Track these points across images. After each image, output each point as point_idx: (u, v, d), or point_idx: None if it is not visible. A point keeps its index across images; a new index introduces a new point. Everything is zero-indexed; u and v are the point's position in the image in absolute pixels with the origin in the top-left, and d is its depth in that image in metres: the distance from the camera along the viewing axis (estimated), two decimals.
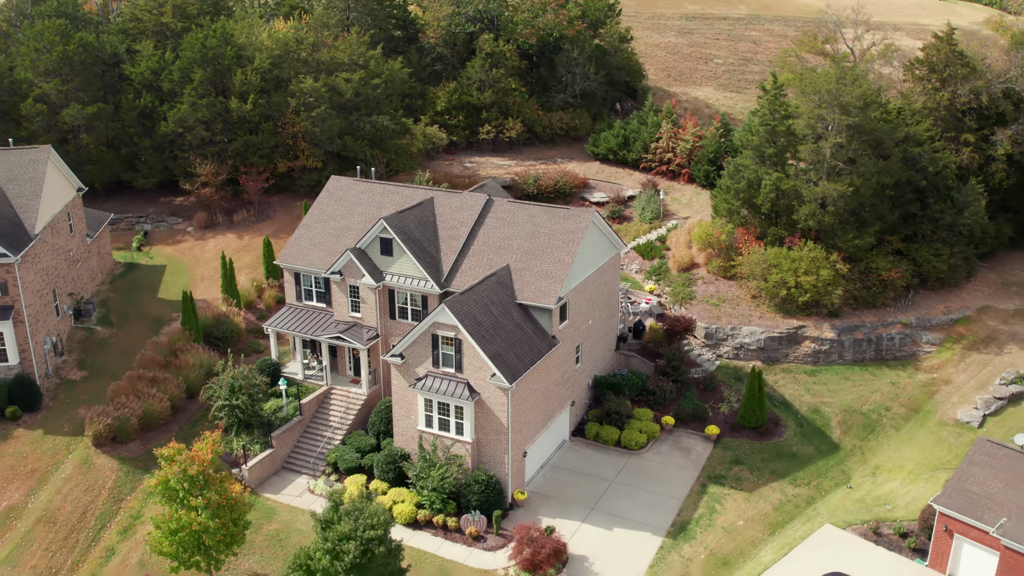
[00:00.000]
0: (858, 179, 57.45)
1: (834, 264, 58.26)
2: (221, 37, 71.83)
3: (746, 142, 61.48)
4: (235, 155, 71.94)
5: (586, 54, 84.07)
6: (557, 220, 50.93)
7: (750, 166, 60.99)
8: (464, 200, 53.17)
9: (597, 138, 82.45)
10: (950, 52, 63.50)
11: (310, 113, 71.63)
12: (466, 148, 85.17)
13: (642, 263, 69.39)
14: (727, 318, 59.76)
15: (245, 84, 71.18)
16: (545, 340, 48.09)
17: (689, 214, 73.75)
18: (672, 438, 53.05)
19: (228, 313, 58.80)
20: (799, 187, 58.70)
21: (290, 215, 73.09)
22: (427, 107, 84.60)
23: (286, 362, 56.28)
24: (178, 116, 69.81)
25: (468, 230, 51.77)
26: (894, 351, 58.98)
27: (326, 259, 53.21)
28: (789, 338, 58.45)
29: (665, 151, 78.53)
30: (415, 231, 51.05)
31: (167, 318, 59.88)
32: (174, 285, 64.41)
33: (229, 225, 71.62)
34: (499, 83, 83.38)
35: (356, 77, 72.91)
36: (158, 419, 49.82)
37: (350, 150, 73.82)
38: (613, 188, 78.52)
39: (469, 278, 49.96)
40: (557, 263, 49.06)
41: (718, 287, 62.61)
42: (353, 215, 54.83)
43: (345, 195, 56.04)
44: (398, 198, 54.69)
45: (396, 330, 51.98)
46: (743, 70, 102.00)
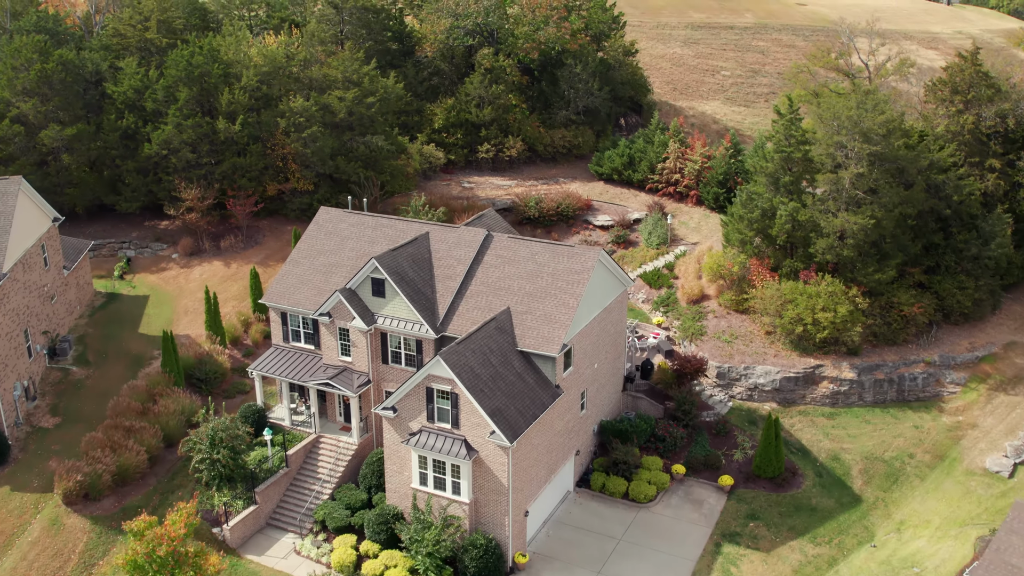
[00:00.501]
0: (879, 210, 54.17)
1: (853, 299, 54.99)
2: (208, 54, 68.50)
3: (759, 168, 58.19)
4: (222, 178, 68.65)
5: (589, 69, 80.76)
6: (561, 259, 47.65)
7: (764, 194, 57.70)
8: (461, 236, 49.89)
9: (601, 157, 79.17)
10: (974, 73, 60.20)
11: (301, 134, 68.32)
12: (464, 167, 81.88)
13: (649, 292, 66.11)
14: (740, 356, 56.48)
15: (232, 104, 67.87)
16: (548, 390, 44.83)
17: (698, 239, 70.48)
18: (683, 489, 49.82)
19: (211, 352, 55.52)
20: (817, 218, 55.43)
21: (280, 240, 69.82)
22: (424, 124, 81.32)
23: (273, 405, 53.06)
24: (162, 138, 66.50)
25: (466, 269, 48.50)
26: (917, 392, 55.75)
27: (314, 299, 49.96)
28: (806, 378, 55.19)
29: (672, 172, 75.25)
30: (409, 270, 47.78)
31: (148, 356, 56.60)
32: (156, 318, 61.13)
33: (216, 251, 68.33)
34: (499, 99, 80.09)
35: (350, 96, 69.61)
36: (134, 473, 46.57)
37: (343, 172, 70.54)
38: (618, 210, 75.24)
39: (467, 321, 46.71)
40: (561, 306, 45.80)
41: (730, 321, 59.33)
42: (343, 250, 51.56)
43: (335, 228, 52.77)
44: (391, 232, 51.42)
45: (389, 375, 48.73)
46: (751, 82, 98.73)
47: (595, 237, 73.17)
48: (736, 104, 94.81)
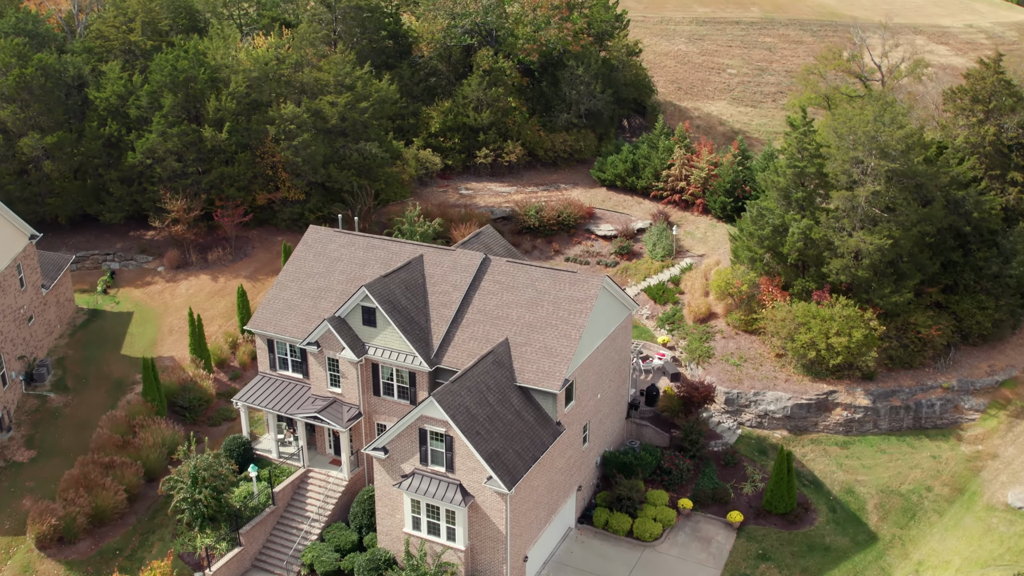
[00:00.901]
0: (897, 229, 51.51)
1: (868, 323, 52.39)
2: (193, 58, 65.62)
3: (771, 183, 55.47)
4: (209, 188, 65.93)
5: (592, 71, 77.84)
6: (562, 286, 45.04)
7: (775, 210, 55.02)
8: (457, 259, 47.26)
9: (603, 162, 76.41)
10: (996, 81, 57.36)
11: (291, 142, 65.52)
12: (462, 172, 79.12)
13: (653, 308, 63.58)
14: (749, 381, 53.98)
15: (220, 110, 65.04)
16: (549, 428, 42.35)
17: (704, 251, 67.83)
18: (690, 525, 47.43)
19: (196, 377, 53.02)
20: (831, 237, 52.77)
21: (270, 252, 67.20)
22: (420, 128, 78.49)
23: (260, 434, 50.64)
24: (146, 146, 63.73)
25: (462, 295, 45.91)
26: (934, 419, 53.29)
27: (302, 325, 47.40)
28: (819, 405, 52.71)
29: (677, 179, 72.50)
30: (401, 298, 45.19)
31: (129, 380, 54.14)
32: (140, 338, 58.62)
33: (203, 264, 65.70)
34: (498, 102, 77.22)
35: (342, 101, 66.76)
36: (112, 513, 44.18)
37: (335, 181, 67.80)
38: (621, 219, 72.55)
39: (463, 353, 44.17)
40: (562, 338, 43.23)
41: (739, 343, 56.78)
42: (333, 273, 48.95)
43: (324, 249, 50.13)
44: (384, 254, 48.80)
45: (381, 408, 46.26)
46: (758, 81, 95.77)
47: (597, 248, 70.55)
48: (743, 104, 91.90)
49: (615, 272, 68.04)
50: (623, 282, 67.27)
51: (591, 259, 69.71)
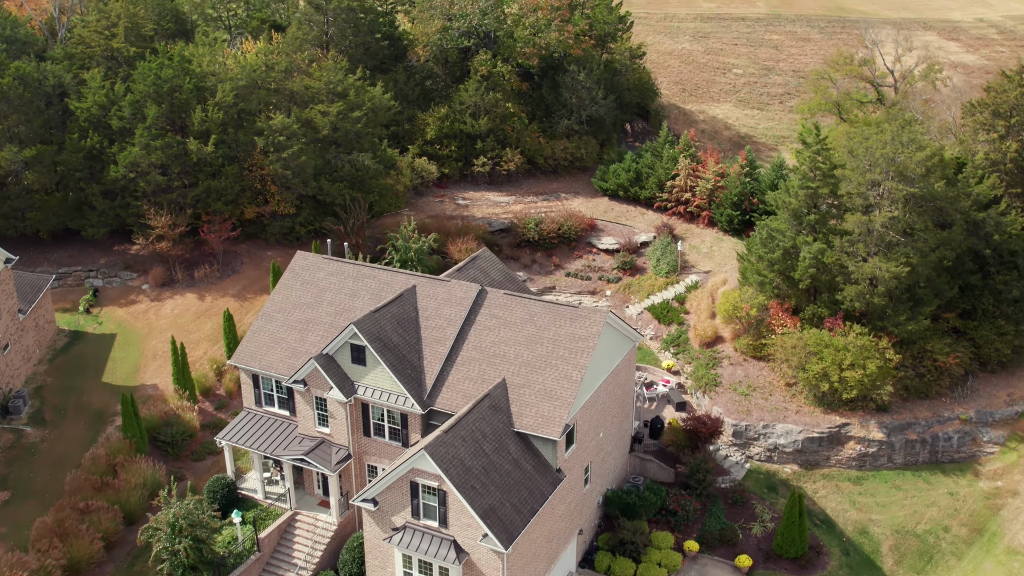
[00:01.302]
0: (915, 255, 48.99)
1: (884, 353, 49.96)
2: (178, 66, 62.86)
3: (782, 204, 52.88)
4: (195, 202, 63.36)
5: (594, 76, 75.02)
6: (563, 322, 42.57)
7: (787, 232, 52.46)
8: (452, 292, 44.77)
9: (606, 171, 73.72)
10: (1020, 95, 54.63)
11: (280, 154, 62.86)
12: (459, 181, 76.46)
13: (657, 328, 61.13)
14: (759, 412, 51.63)
15: (205, 122, 62.34)
16: (548, 476, 40.02)
17: (710, 267, 65.28)
18: (696, 569, 45.20)
19: (179, 409, 50.66)
20: (844, 262, 50.25)
21: (259, 268, 64.69)
22: (415, 134, 75.75)
23: (246, 470, 48.36)
24: (129, 160, 61.08)
25: (456, 331, 43.45)
26: (951, 452, 50.98)
27: (289, 361, 44.99)
28: (831, 438, 50.39)
29: (682, 190, 69.85)
30: (393, 335, 42.74)
31: (110, 411, 51.80)
32: (123, 363, 56.23)
33: (189, 282, 63.21)
34: (496, 108, 74.46)
35: (333, 110, 64.07)
36: (88, 563, 41.90)
37: (327, 194, 65.20)
38: (623, 232, 69.97)
39: (457, 394, 41.77)
40: (563, 380, 40.82)
41: (747, 370, 54.39)
42: (321, 304, 46.47)
43: (312, 278, 47.63)
44: (374, 284, 46.31)
45: (372, 448, 43.92)
46: (764, 82, 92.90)
47: (599, 262, 68.00)
48: (749, 106, 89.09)
49: (618, 288, 65.60)
50: (626, 299, 64.85)
51: (593, 274, 67.21)
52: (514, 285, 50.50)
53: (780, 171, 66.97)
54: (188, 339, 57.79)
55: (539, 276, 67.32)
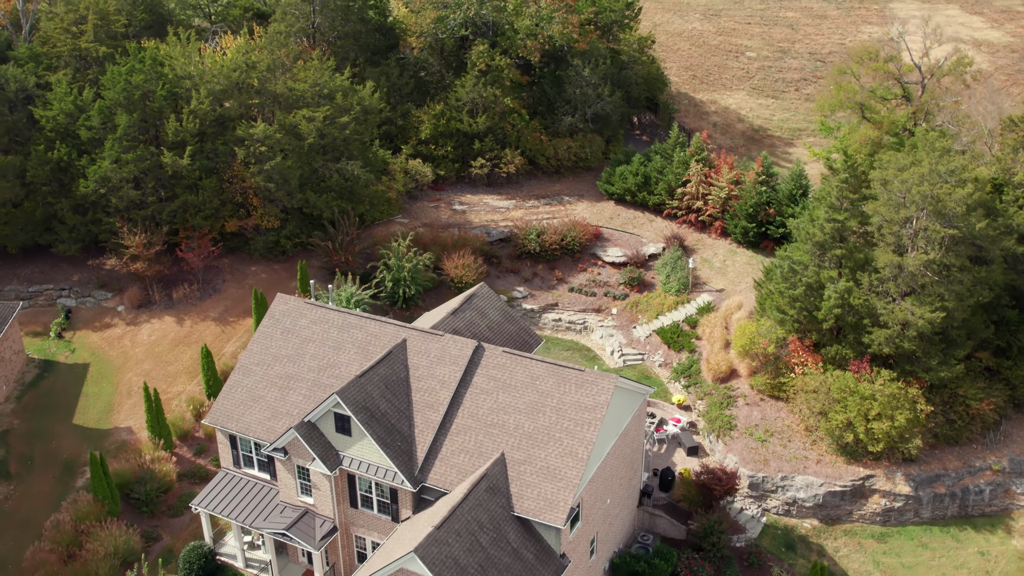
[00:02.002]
0: (951, 298, 44.94)
1: (914, 403, 46.24)
2: (150, 70, 58.06)
3: (805, 234, 48.64)
4: (172, 217, 59.09)
5: (600, 72, 70.06)
6: (568, 389, 38.75)
7: (810, 267, 48.33)
8: (446, 349, 40.85)
9: (612, 174, 69.21)
10: None
11: (263, 165, 58.40)
12: (456, 182, 71.95)
13: (667, 353, 57.38)
14: (776, 461, 48.09)
15: (180, 132, 57.76)
16: (551, 563, 36.58)
17: (724, 284, 61.25)
18: None
19: (154, 460, 47.06)
20: (873, 303, 46.22)
21: (241, 286, 60.67)
22: (409, 132, 71.07)
23: (228, 529, 44.98)
24: (99, 174, 56.65)
25: (450, 394, 39.67)
26: (982, 506, 47.59)
27: (268, 423, 41.30)
28: (854, 492, 46.93)
29: (694, 198, 65.45)
30: (380, 401, 38.95)
31: (80, 462, 48.29)
32: (96, 400, 52.60)
33: (167, 303, 59.22)
34: (495, 106, 69.64)
35: (320, 116, 59.41)
36: None
37: (313, 206, 60.89)
38: (631, 242, 65.77)
39: (451, 469, 38.14)
40: (568, 457, 37.15)
41: (764, 411, 50.72)
42: (303, 357, 42.60)
43: (294, 325, 43.68)
44: (360, 336, 42.38)
45: (360, 520, 40.46)
46: (779, 66, 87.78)
47: (605, 276, 63.93)
48: (763, 95, 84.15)
49: (624, 306, 61.68)
50: (633, 319, 60.96)
51: (598, 289, 63.21)
52: (515, 326, 46.61)
53: (799, 181, 62.57)
54: (165, 372, 54.12)
55: (541, 291, 63.36)
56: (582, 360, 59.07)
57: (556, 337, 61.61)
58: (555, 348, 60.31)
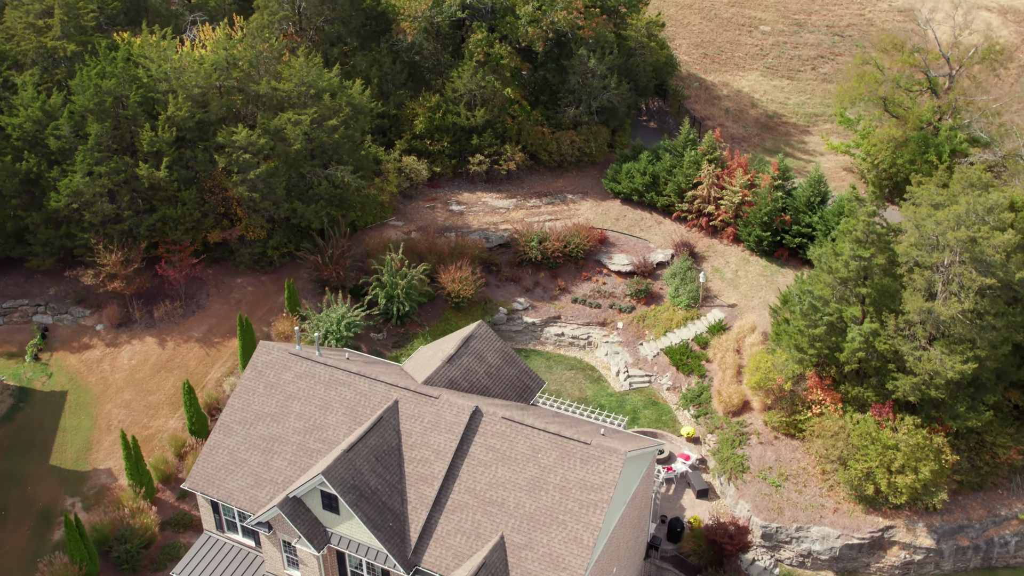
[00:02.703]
0: (983, 346, 41.80)
1: (939, 452, 43.53)
2: (123, 73, 53.87)
3: (828, 268, 45.23)
4: (150, 231, 55.58)
5: (607, 63, 65.57)
6: (572, 464, 35.92)
7: (832, 303, 45.06)
8: (440, 414, 37.90)
9: (618, 171, 65.37)
10: None
11: (246, 175, 54.66)
12: (453, 178, 68.13)
13: (675, 376, 54.55)
14: (791, 510, 45.58)
15: (156, 142, 53.85)
16: None
17: (736, 299, 58.04)
18: None
19: (134, 511, 44.51)
20: (900, 349, 43.09)
21: (227, 302, 57.51)
22: (403, 125, 66.97)
23: None
24: (71, 188, 52.96)
25: (445, 466, 36.86)
26: (1007, 558, 45.31)
27: (251, 491, 38.60)
28: (872, 543, 44.56)
29: (705, 201, 61.77)
30: (370, 477, 36.18)
31: (58, 509, 45.82)
32: (74, 436, 49.93)
33: (149, 322, 56.12)
34: (494, 98, 65.39)
35: (306, 119, 55.39)
36: None
37: (301, 217, 57.31)
38: (638, 248, 62.33)
39: (447, 551, 35.57)
40: (572, 543, 34.53)
41: (778, 451, 48.04)
42: (288, 417, 39.70)
43: (278, 379, 40.66)
44: (349, 395, 39.40)
45: None
46: (795, 41, 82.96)
47: (610, 286, 60.65)
48: (778, 75, 79.58)
49: (631, 320, 58.54)
50: (639, 334, 57.89)
51: (603, 300, 60.00)
52: (515, 369, 43.64)
53: (817, 187, 58.82)
54: (147, 403, 51.35)
55: (542, 303, 60.18)
56: (586, 381, 56.25)
57: (559, 354, 58.68)
58: (557, 367, 57.42)
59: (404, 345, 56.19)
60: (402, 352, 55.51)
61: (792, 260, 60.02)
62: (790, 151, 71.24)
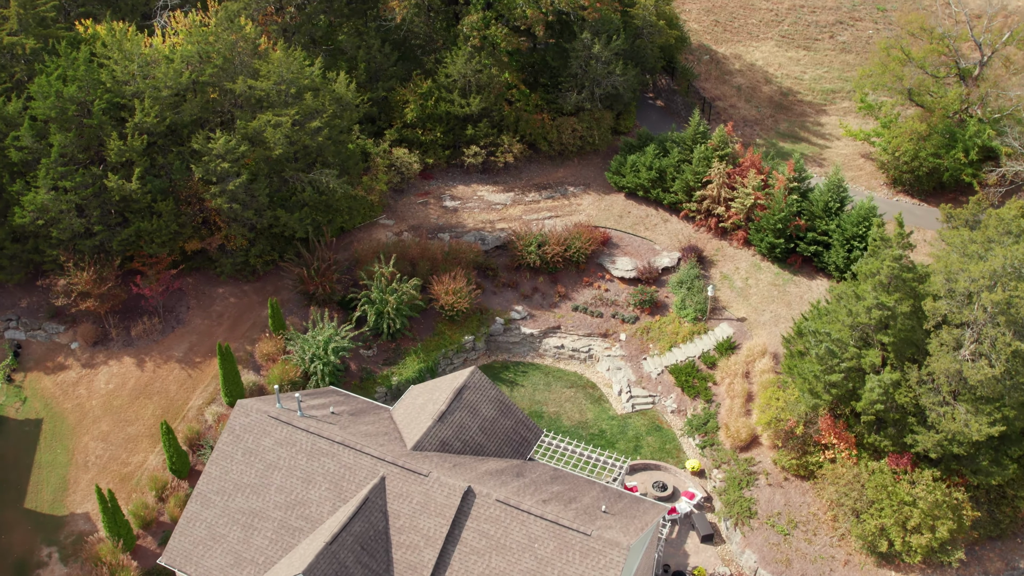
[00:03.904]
0: (1013, 405, 39.03)
1: (959, 509, 41.25)
2: (86, 76, 49.61)
3: (847, 311, 42.07)
4: (124, 246, 52.20)
5: (612, 48, 60.85)
6: (571, 557, 33.61)
7: (850, 347, 42.09)
8: (430, 495, 35.42)
9: (623, 163, 61.51)
10: None
11: (225, 185, 50.97)
12: (447, 169, 64.21)
13: (680, 399, 52.05)
14: (800, 561, 43.57)
15: (125, 151, 49.98)
16: None
17: (745, 311, 55.03)
18: None
19: (113, 567, 42.45)
20: (923, 404, 40.35)
21: (208, 316, 54.53)
22: (393, 112, 62.74)
23: None
24: (35, 205, 49.37)
25: (435, 555, 34.59)
26: None
27: (231, 570, 36.43)
28: None
29: (715, 202, 58.15)
30: (355, 570, 33.91)
31: (35, 562, 43.82)
32: (50, 473, 47.65)
33: (126, 340, 53.22)
34: (490, 85, 60.98)
35: (287, 121, 51.36)
36: None
37: (284, 226, 53.83)
38: (642, 250, 59.01)
39: None
40: None
41: (787, 494, 45.80)
42: (269, 489, 37.27)
43: (257, 446, 38.08)
44: (333, 468, 36.89)
45: None
46: (812, 5, 77.86)
47: (613, 293, 57.55)
48: (794, 45, 74.59)
49: (634, 332, 55.66)
50: (643, 347, 55.11)
51: (605, 309, 57.01)
52: (511, 420, 41.13)
53: (836, 192, 55.09)
54: (125, 434, 48.94)
55: (541, 311, 57.18)
56: (586, 401, 53.73)
57: (558, 368, 56.01)
58: (557, 383, 54.83)
59: (396, 362, 53.47)
60: (393, 371, 52.83)
61: (806, 267, 56.81)
62: (805, 135, 67.11)
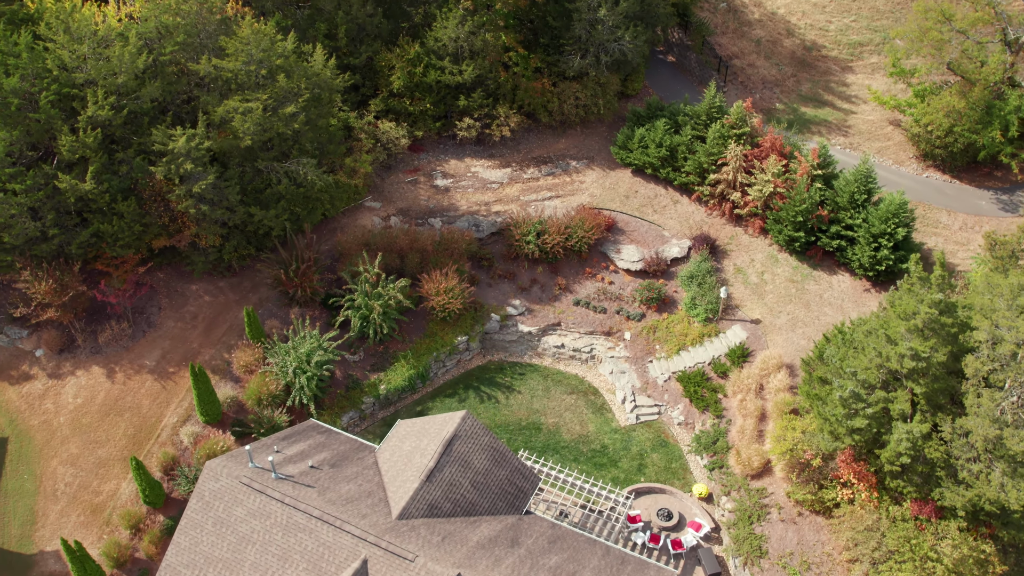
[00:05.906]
0: None
1: (986, 563, 38.51)
2: (29, 65, 44.16)
3: (874, 351, 38.18)
4: (84, 249, 47.85)
5: (619, 12, 54.64)
6: None
7: (877, 390, 38.43)
8: None
9: (630, 137, 56.41)
10: None
11: (191, 187, 46.21)
12: (438, 140, 58.99)
13: (688, 410, 48.81)
14: None
15: (78, 147, 45.01)
16: None
17: (760, 312, 51.12)
18: None
19: None
20: (954, 461, 36.97)
21: (181, 317, 50.64)
22: (379, 80, 57.08)
23: None
24: None
25: None
26: None
27: None
28: None
29: (730, 186, 53.36)
30: None
31: None
32: (17, 502, 44.75)
33: (94, 347, 49.50)
34: (485, 50, 55.16)
35: (258, 107, 46.19)
36: None
37: (258, 223, 49.31)
38: (650, 236, 54.62)
39: None
40: None
41: (801, 531, 43.03)
42: (242, 566, 34.32)
43: (228, 516, 34.93)
44: (311, 545, 33.84)
45: None
46: None
47: (617, 286, 53.46)
48: None
49: (640, 331, 51.88)
50: (649, 349, 51.45)
51: (609, 304, 53.05)
52: (505, 470, 37.99)
53: (864, 183, 50.27)
54: (95, 457, 45.88)
55: (540, 305, 53.26)
56: (587, 411, 50.43)
57: (558, 369, 52.48)
58: (556, 388, 51.43)
59: (384, 368, 49.94)
60: (381, 378, 49.35)
61: (827, 260, 52.56)
62: (830, 98, 61.48)
